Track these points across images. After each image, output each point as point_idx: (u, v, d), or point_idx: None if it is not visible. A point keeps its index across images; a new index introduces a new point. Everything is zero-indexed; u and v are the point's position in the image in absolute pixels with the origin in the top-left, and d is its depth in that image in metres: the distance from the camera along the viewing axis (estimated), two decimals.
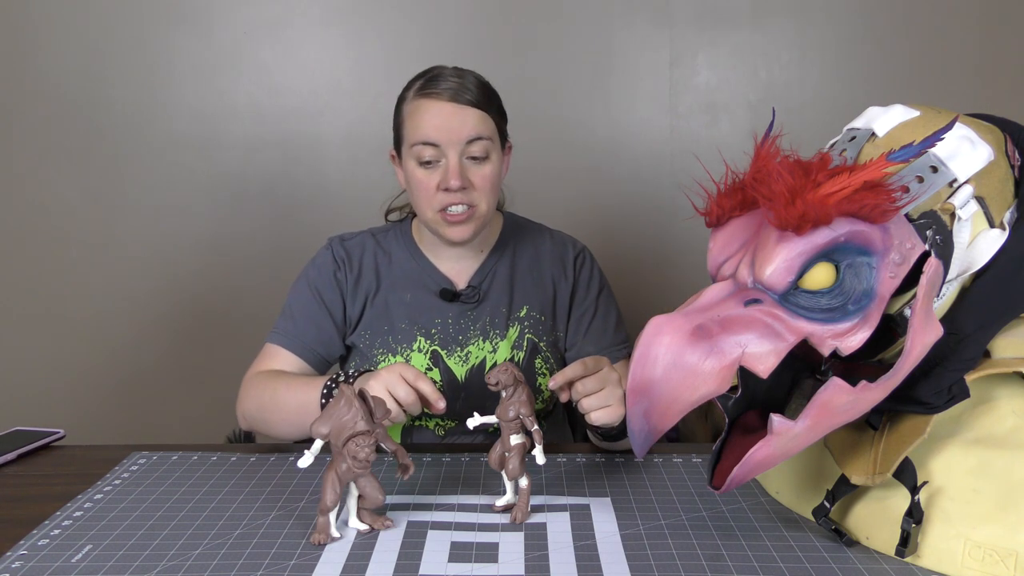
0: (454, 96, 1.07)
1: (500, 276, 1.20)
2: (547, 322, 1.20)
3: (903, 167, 0.68)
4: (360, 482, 0.80)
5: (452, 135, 1.07)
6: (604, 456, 1.02)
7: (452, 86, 1.08)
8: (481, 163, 1.09)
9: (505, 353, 1.18)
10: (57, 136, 1.82)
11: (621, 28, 1.79)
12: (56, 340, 1.88)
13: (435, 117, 1.07)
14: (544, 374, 1.20)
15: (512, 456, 0.85)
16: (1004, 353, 0.75)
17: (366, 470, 0.79)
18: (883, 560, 0.74)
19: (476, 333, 1.18)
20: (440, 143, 1.07)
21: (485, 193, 1.10)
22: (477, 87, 1.10)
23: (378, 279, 1.19)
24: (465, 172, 1.08)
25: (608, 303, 1.24)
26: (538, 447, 0.85)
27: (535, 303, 1.20)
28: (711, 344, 0.67)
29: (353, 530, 0.82)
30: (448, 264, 1.20)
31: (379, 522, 0.82)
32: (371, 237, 1.23)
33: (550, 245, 1.24)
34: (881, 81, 1.78)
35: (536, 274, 1.22)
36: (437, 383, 1.17)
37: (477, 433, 1.19)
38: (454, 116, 1.07)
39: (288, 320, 1.17)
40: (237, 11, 1.79)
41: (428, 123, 1.07)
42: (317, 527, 0.80)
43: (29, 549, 0.79)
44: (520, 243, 1.23)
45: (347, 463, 0.79)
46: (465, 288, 1.19)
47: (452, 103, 1.07)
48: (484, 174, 1.09)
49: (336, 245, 1.21)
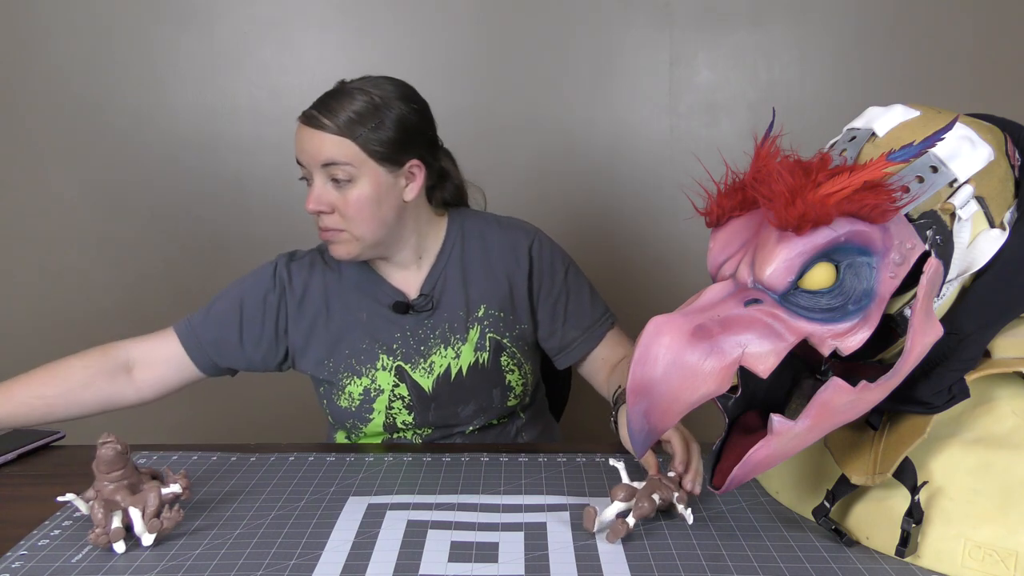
0: (308, 120, 1.06)
1: (451, 280, 1.17)
2: (507, 317, 1.18)
3: (903, 167, 0.68)
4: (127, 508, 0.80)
5: (308, 158, 1.06)
6: (604, 456, 1.02)
7: (314, 111, 1.06)
8: (343, 187, 1.06)
9: (469, 357, 1.16)
10: (57, 135, 1.82)
11: (621, 28, 1.79)
12: (56, 340, 1.88)
13: (298, 140, 1.07)
14: (512, 370, 1.19)
15: (644, 505, 0.80)
16: (1004, 353, 0.75)
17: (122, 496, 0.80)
18: (883, 560, 0.74)
19: (436, 341, 1.16)
20: (303, 163, 1.07)
21: (352, 218, 1.06)
22: (347, 112, 1.05)
23: (327, 300, 1.16)
24: (327, 196, 1.06)
25: (578, 281, 1.21)
26: (687, 511, 0.82)
27: (492, 300, 1.17)
28: (711, 344, 0.67)
29: (353, 530, 0.82)
30: (395, 275, 1.17)
31: (171, 519, 0.80)
32: (319, 256, 1.20)
33: (498, 237, 1.19)
34: (881, 81, 1.78)
35: (488, 271, 1.18)
36: (406, 398, 1.16)
37: (454, 438, 1.19)
38: (308, 139, 1.05)
39: (200, 317, 1.16)
40: (238, 11, 1.79)
41: (296, 145, 1.08)
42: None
43: (29, 549, 0.79)
44: (467, 243, 1.19)
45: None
46: (417, 298, 1.16)
47: (308, 127, 1.06)
48: (347, 199, 1.06)
49: (281, 266, 1.18)
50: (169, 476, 0.85)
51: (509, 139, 1.78)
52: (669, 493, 0.82)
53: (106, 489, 0.80)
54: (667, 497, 0.82)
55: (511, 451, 1.05)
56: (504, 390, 1.18)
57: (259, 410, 1.91)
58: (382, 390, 1.15)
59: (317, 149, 1.04)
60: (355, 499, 0.90)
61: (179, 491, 0.82)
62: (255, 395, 1.88)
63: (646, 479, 0.83)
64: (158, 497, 0.80)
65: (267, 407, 1.90)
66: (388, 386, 1.15)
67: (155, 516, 0.80)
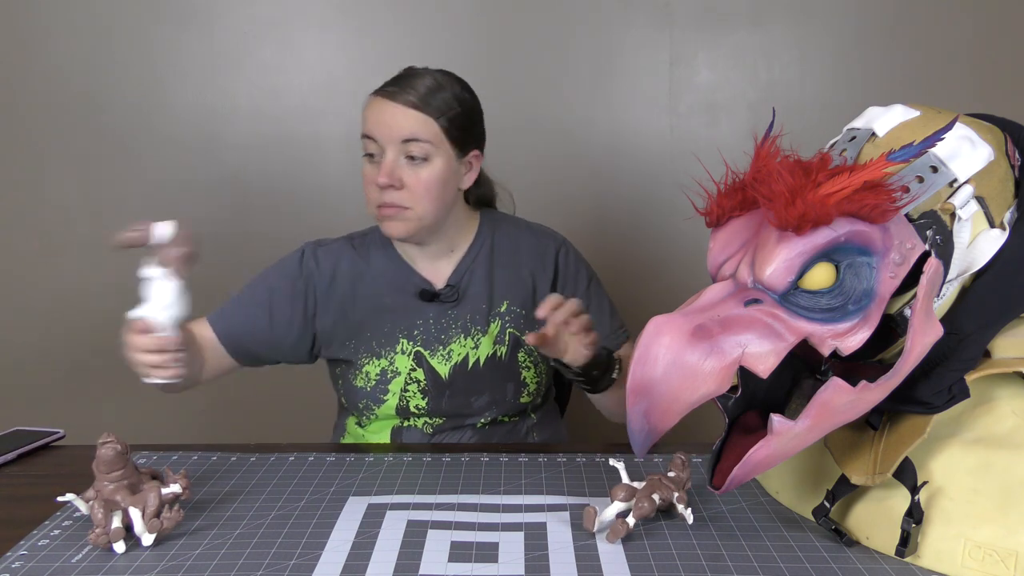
0: (394, 95, 1.08)
1: (478, 274, 1.20)
2: (528, 315, 1.20)
3: (903, 167, 0.68)
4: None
5: (387, 132, 1.08)
6: (604, 456, 1.02)
7: (398, 86, 1.09)
8: (417, 165, 1.08)
9: (487, 349, 1.18)
10: (57, 135, 1.82)
11: (621, 28, 1.79)
12: (56, 340, 1.88)
13: (374, 112, 1.09)
14: (528, 367, 1.21)
15: (645, 505, 0.80)
16: (1004, 353, 0.75)
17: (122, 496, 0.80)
18: (883, 560, 0.74)
19: (457, 331, 1.18)
20: (377, 138, 1.09)
21: (420, 196, 1.09)
22: (429, 91, 1.08)
23: (356, 287, 1.19)
24: (399, 172, 1.08)
25: (599, 293, 1.25)
26: (687, 511, 0.82)
27: (515, 298, 1.20)
28: (711, 344, 0.67)
29: (353, 530, 0.82)
30: (424, 265, 1.20)
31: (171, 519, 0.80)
32: (348, 244, 1.22)
33: (528, 239, 1.23)
34: (881, 81, 1.78)
35: (514, 269, 1.21)
36: (422, 382, 1.17)
37: (464, 431, 1.20)
38: (389, 113, 1.07)
39: (231, 304, 1.18)
40: (238, 11, 1.79)
41: (370, 118, 1.10)
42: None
43: (29, 549, 0.79)
44: (497, 240, 1.22)
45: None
46: (443, 288, 1.19)
47: (391, 101, 1.08)
48: (419, 177, 1.08)
49: (308, 254, 1.20)
50: (169, 476, 0.85)
51: (509, 139, 1.78)
52: (669, 493, 0.82)
53: (106, 489, 0.80)
54: (667, 497, 0.82)
55: (511, 451, 1.05)
56: (518, 385, 1.20)
57: (259, 410, 1.91)
58: (399, 372, 1.17)
59: (400, 124, 1.07)
60: (355, 499, 0.90)
61: (179, 491, 0.82)
62: (256, 395, 1.87)
63: (646, 479, 0.83)
64: (158, 497, 0.80)
65: (267, 407, 1.90)
66: (405, 369, 1.17)
67: (155, 516, 0.80)
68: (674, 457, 0.86)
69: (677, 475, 0.85)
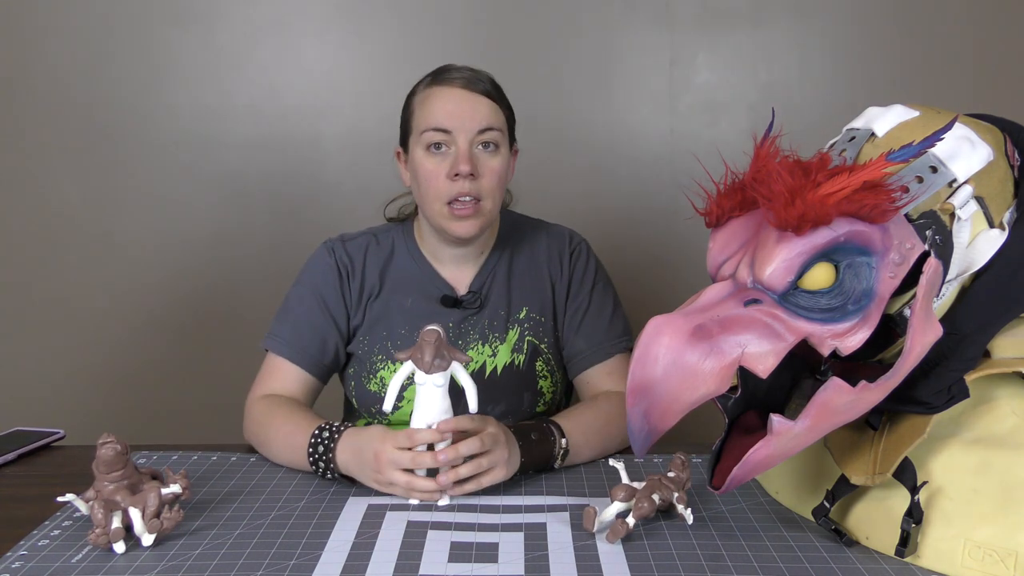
0: (467, 84, 1.06)
1: (499, 278, 1.18)
2: (547, 322, 1.18)
3: (903, 167, 0.68)
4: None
5: (464, 121, 1.05)
6: (604, 456, 1.02)
7: (466, 75, 1.08)
8: (492, 154, 1.07)
9: (505, 357, 1.16)
10: (58, 135, 1.82)
11: (621, 28, 1.79)
12: (56, 340, 1.88)
13: (447, 103, 1.06)
14: (545, 376, 1.18)
15: (644, 505, 0.80)
16: (1004, 353, 0.75)
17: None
18: (883, 560, 0.74)
19: (475, 337, 1.16)
20: (451, 129, 1.05)
21: (492, 188, 1.07)
22: (490, 81, 1.10)
23: (381, 281, 1.17)
24: (475, 161, 1.06)
25: (604, 297, 1.20)
26: (686, 511, 0.82)
27: (534, 303, 1.18)
28: (711, 344, 0.67)
29: (353, 530, 0.82)
30: (449, 268, 1.17)
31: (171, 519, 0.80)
32: (372, 237, 1.20)
33: (547, 241, 1.21)
34: (881, 81, 1.78)
35: (534, 273, 1.19)
36: None
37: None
38: (467, 102, 1.06)
39: (287, 326, 1.14)
40: (238, 11, 1.79)
41: (440, 109, 1.06)
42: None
43: (29, 549, 0.79)
44: (517, 242, 1.21)
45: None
46: (466, 294, 1.16)
47: (465, 90, 1.06)
48: (493, 166, 1.07)
49: (339, 250, 1.17)
50: (169, 476, 0.85)
51: None
52: (669, 493, 0.82)
53: (106, 489, 0.80)
54: (667, 497, 0.82)
55: None
56: (535, 395, 1.18)
57: None
58: (414, 380, 1.15)
59: (480, 112, 1.06)
60: (355, 499, 0.90)
61: (179, 491, 0.82)
62: None
63: (646, 479, 0.83)
64: (158, 497, 0.80)
65: None
66: None
67: (155, 516, 0.80)
68: (674, 457, 0.86)
69: (677, 475, 0.85)
